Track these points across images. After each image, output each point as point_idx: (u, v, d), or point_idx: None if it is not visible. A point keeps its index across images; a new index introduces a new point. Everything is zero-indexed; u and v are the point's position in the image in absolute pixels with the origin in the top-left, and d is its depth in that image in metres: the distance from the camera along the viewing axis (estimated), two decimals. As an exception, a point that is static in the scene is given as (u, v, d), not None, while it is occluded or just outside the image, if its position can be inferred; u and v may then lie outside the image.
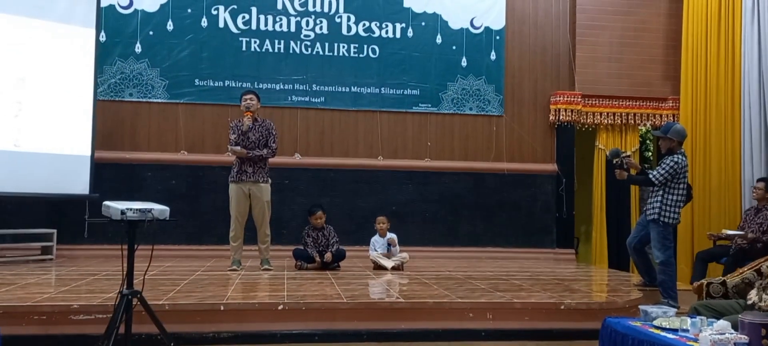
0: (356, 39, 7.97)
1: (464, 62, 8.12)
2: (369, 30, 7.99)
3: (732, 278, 4.01)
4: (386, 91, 7.97)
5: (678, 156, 5.24)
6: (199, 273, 5.80)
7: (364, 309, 4.41)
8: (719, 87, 7.44)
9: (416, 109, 8.04)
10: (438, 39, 8.10)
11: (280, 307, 4.28)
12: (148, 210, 3.43)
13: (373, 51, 7.98)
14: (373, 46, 7.99)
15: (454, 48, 8.12)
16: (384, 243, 6.64)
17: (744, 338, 2.73)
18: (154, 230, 3.38)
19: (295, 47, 7.86)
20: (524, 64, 8.28)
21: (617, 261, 8.05)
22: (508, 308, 4.53)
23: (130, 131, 7.54)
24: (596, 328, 3.75)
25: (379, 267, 6.42)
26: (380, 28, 8.01)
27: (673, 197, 5.25)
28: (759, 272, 3.85)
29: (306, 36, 7.88)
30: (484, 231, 8.05)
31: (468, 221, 8.04)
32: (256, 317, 4.22)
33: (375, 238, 6.73)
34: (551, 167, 8.21)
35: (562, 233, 8.15)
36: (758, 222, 6.08)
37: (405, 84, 8.00)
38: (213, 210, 7.36)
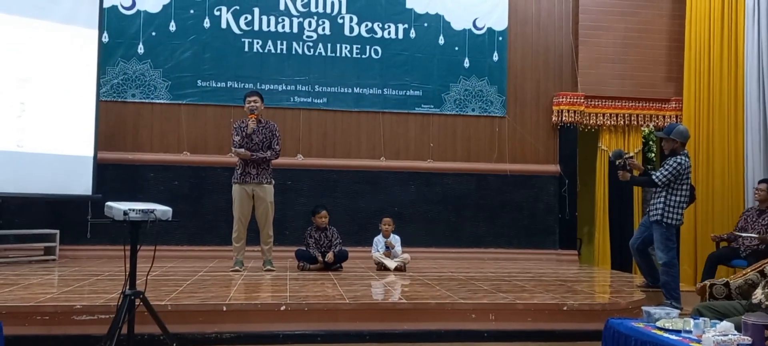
0: (359, 40, 7.97)
1: (467, 63, 8.11)
2: (371, 31, 7.99)
3: (735, 279, 4.00)
4: (389, 92, 7.97)
5: (681, 157, 5.23)
6: (202, 274, 5.81)
7: (367, 310, 4.41)
8: (722, 88, 7.43)
9: (419, 110, 8.03)
10: (440, 40, 8.09)
11: (283, 308, 4.29)
12: (151, 211, 3.45)
13: (376, 52, 7.98)
14: (376, 47, 7.98)
15: (457, 49, 8.11)
16: (384, 243, 6.65)
17: (747, 339, 2.72)
18: (157, 231, 3.39)
19: (298, 48, 7.86)
20: (527, 65, 8.26)
21: (620, 262, 8.03)
22: (511, 309, 4.53)
23: (133, 132, 7.55)
24: (599, 329, 3.73)
25: (382, 267, 6.43)
26: (383, 29, 8.01)
27: (676, 199, 5.24)
28: (762, 273, 3.85)
29: (308, 37, 7.89)
30: (487, 232, 8.04)
31: (470, 222, 8.03)
32: (259, 318, 4.23)
33: (378, 237, 6.73)
34: (554, 168, 8.20)
35: (565, 234, 8.14)
36: (764, 223, 6.06)
37: (407, 85, 8.00)
38: (215, 211, 7.39)
